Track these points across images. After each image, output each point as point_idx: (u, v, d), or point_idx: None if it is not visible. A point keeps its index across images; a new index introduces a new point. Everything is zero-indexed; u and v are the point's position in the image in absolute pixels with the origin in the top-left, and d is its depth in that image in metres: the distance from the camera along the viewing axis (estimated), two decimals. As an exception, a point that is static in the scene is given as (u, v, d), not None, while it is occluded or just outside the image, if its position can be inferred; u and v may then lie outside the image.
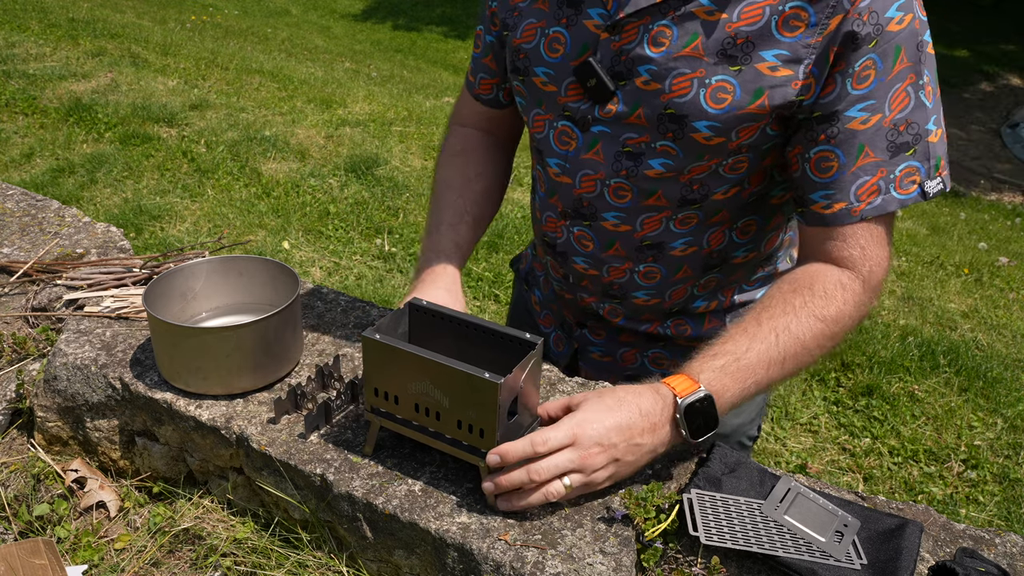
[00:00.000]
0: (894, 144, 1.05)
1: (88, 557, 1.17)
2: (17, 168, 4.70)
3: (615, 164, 1.16)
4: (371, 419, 1.08)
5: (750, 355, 1.04)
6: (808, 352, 1.06)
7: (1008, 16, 14.14)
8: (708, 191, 1.16)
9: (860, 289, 1.09)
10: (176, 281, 1.28)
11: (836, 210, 1.07)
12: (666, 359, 1.39)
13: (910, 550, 0.97)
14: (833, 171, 1.06)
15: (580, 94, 1.15)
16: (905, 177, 1.06)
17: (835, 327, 1.07)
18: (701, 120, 1.07)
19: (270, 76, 6.67)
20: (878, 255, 1.09)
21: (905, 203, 1.07)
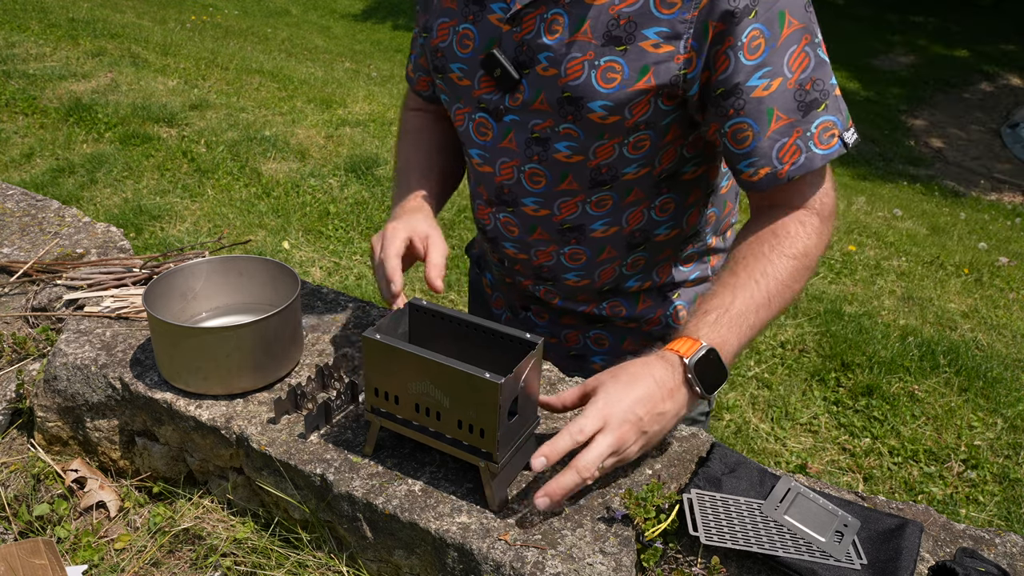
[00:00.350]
0: (804, 103, 1.09)
1: (88, 557, 1.17)
2: (17, 168, 4.70)
3: (527, 150, 1.22)
4: (371, 419, 1.08)
5: (737, 303, 1.09)
6: (789, 288, 1.12)
7: (1008, 16, 14.14)
8: (617, 172, 1.20)
9: (817, 222, 1.15)
10: (176, 281, 1.28)
11: (763, 175, 1.12)
12: (607, 339, 1.42)
13: (910, 550, 0.97)
14: (750, 140, 1.11)
15: (492, 86, 1.21)
16: (823, 132, 1.11)
17: (806, 260, 1.14)
18: (595, 100, 1.12)
19: (270, 76, 6.67)
20: (823, 188, 1.15)
21: (828, 157, 1.12)
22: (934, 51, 12.90)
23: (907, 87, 11.52)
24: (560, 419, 1.19)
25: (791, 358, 3.58)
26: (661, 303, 1.39)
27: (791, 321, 3.82)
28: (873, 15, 14.57)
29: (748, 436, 3.11)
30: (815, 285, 4.27)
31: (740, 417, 3.21)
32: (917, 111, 10.84)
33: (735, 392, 3.35)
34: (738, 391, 3.36)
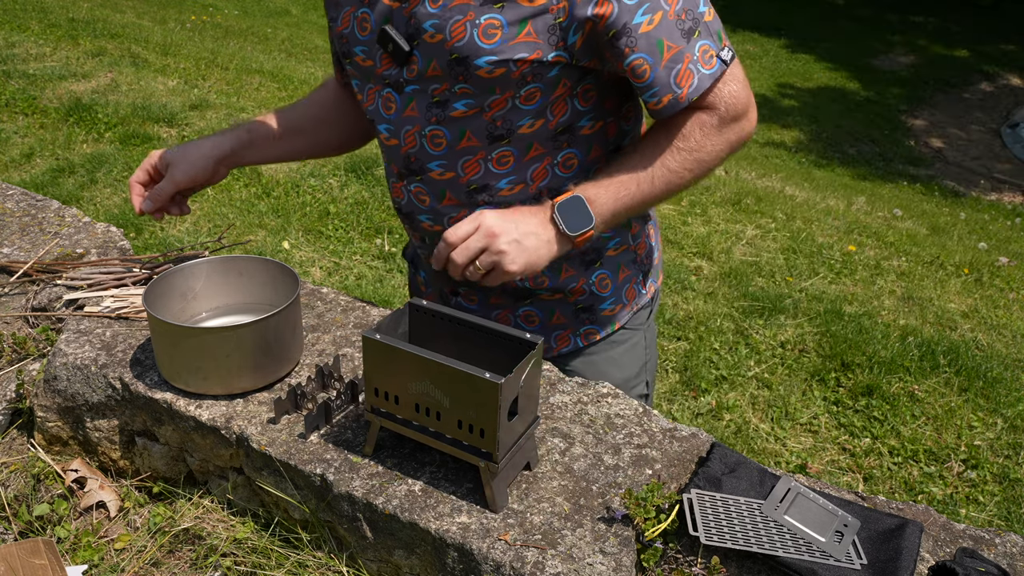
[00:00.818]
0: (684, 31, 1.18)
1: (88, 557, 1.17)
2: (17, 168, 4.70)
3: (427, 114, 1.29)
4: (371, 419, 1.08)
5: (620, 173, 1.24)
6: (676, 174, 1.25)
7: (1008, 16, 14.14)
8: (512, 125, 1.26)
9: (717, 121, 1.24)
10: (176, 281, 1.28)
11: (666, 102, 1.21)
12: (537, 316, 1.44)
13: (910, 550, 0.97)
14: (649, 73, 1.19)
15: (390, 61, 1.28)
16: (704, 55, 1.20)
17: (697, 153, 1.24)
18: (480, 57, 1.19)
19: (270, 76, 6.67)
20: (730, 91, 1.24)
21: (716, 75, 1.21)
22: (934, 51, 12.90)
23: (907, 87, 11.52)
24: (560, 418, 1.19)
25: (791, 358, 3.58)
26: (583, 271, 1.41)
27: (791, 321, 3.82)
28: (873, 15, 14.57)
29: (748, 436, 3.11)
30: (815, 285, 4.27)
31: (740, 417, 3.21)
32: (917, 111, 10.84)
33: (735, 392, 3.36)
34: (738, 391, 3.36)
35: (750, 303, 3.95)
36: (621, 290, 1.46)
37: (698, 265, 4.38)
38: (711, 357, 3.55)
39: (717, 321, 3.79)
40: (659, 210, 5.04)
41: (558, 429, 1.17)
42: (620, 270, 1.45)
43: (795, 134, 10.25)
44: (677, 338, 3.69)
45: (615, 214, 1.24)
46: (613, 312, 1.46)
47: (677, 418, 3.16)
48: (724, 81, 1.23)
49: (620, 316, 1.47)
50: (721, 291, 4.09)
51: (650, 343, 1.57)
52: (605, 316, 1.46)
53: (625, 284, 1.46)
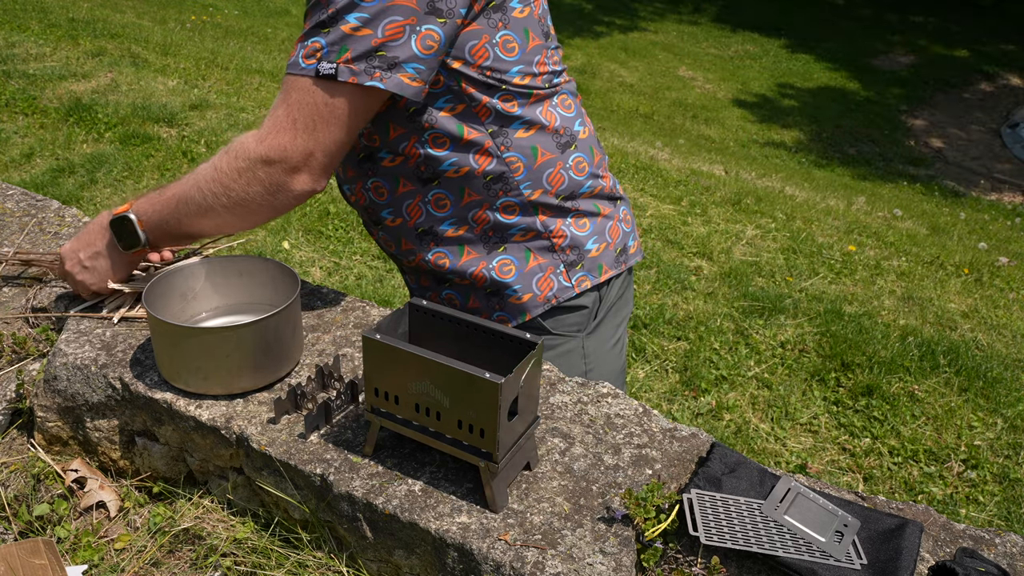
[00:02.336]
0: (315, 20, 1.15)
1: (88, 557, 1.17)
2: (17, 168, 4.70)
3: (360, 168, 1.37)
4: (371, 419, 1.08)
5: (169, 190, 1.29)
6: (203, 195, 1.24)
7: (1008, 16, 14.14)
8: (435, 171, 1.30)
9: (256, 157, 1.19)
10: (176, 281, 1.28)
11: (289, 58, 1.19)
12: (457, 299, 1.44)
13: (910, 550, 0.97)
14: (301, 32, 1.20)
15: None
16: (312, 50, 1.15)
17: (229, 180, 1.21)
18: None
19: (270, 76, 6.67)
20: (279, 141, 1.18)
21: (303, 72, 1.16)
22: (934, 51, 12.91)
23: (907, 87, 11.53)
24: (560, 418, 1.19)
25: (791, 358, 3.58)
26: (486, 255, 1.38)
27: (791, 321, 3.82)
28: (873, 15, 14.57)
29: (748, 436, 3.11)
30: (815, 285, 4.27)
31: (740, 417, 3.21)
32: (917, 111, 10.84)
33: (735, 392, 3.36)
34: (738, 391, 3.36)
35: (750, 303, 3.95)
36: (531, 278, 1.40)
37: (698, 265, 4.38)
38: (711, 357, 3.55)
39: (717, 321, 3.80)
40: (658, 209, 5.04)
41: (558, 429, 1.17)
42: (529, 257, 1.40)
43: (795, 134, 10.25)
44: (677, 338, 3.69)
45: (159, 231, 1.31)
46: (521, 301, 1.41)
47: (677, 418, 3.16)
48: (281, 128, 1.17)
49: (530, 307, 1.41)
50: (721, 291, 4.09)
51: (593, 354, 1.49)
52: (513, 304, 1.41)
53: (537, 272, 1.40)
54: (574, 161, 1.39)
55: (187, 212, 1.27)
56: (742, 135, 10.22)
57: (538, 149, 1.34)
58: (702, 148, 8.64)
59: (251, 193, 1.21)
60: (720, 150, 8.88)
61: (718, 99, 11.53)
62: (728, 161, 7.68)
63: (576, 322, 1.45)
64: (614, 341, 1.53)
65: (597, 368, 1.49)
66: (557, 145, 1.36)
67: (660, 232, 4.73)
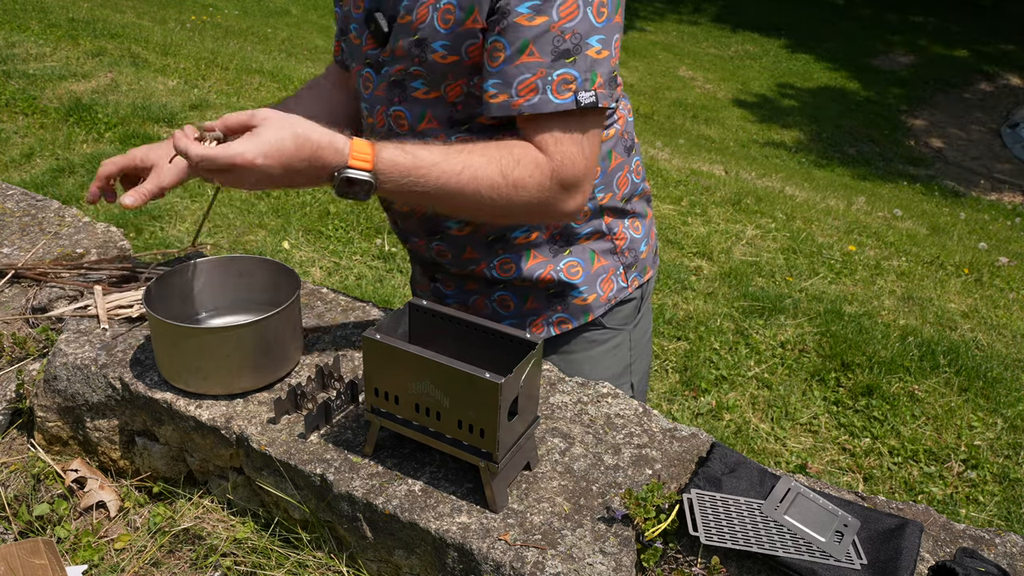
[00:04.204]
0: (557, 50, 1.13)
1: (88, 557, 1.17)
2: (17, 168, 4.70)
3: (390, 93, 1.30)
4: (371, 419, 1.08)
5: (433, 169, 1.13)
6: (479, 196, 1.16)
7: (1008, 16, 14.14)
8: (471, 112, 1.25)
9: (548, 174, 1.17)
10: (176, 281, 1.28)
11: (500, 101, 1.17)
12: (512, 300, 1.43)
13: (910, 550, 0.97)
14: (500, 61, 1.15)
15: (373, 42, 1.30)
16: (562, 83, 1.14)
17: (513, 191, 1.16)
18: (437, 41, 1.20)
19: (270, 76, 6.67)
20: (571, 152, 1.17)
21: (560, 107, 1.14)
22: (934, 51, 12.91)
23: (907, 87, 11.53)
24: (560, 418, 1.19)
25: (791, 358, 3.58)
26: (552, 258, 1.38)
27: (791, 321, 3.82)
28: (873, 15, 14.57)
29: (748, 436, 3.11)
30: (815, 285, 4.27)
31: (740, 417, 3.21)
32: (917, 111, 10.84)
33: (735, 392, 3.36)
34: (738, 391, 3.36)
35: (750, 303, 3.95)
36: (595, 280, 1.42)
37: (698, 265, 4.38)
38: (711, 357, 3.55)
39: (717, 321, 3.80)
40: (658, 209, 5.04)
41: (558, 429, 1.17)
42: (594, 259, 1.41)
43: (795, 134, 10.25)
44: (677, 338, 3.69)
45: (393, 194, 1.15)
46: (586, 302, 1.42)
47: (677, 418, 3.16)
48: (568, 135, 1.16)
49: (594, 307, 1.43)
50: (721, 291, 4.09)
51: (637, 345, 1.52)
52: (577, 305, 1.42)
53: (601, 274, 1.43)
54: (635, 164, 1.44)
55: (445, 198, 1.16)
56: (742, 135, 10.22)
57: (612, 153, 1.38)
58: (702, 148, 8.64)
59: (529, 207, 1.19)
60: (720, 150, 8.88)
61: (718, 99, 11.53)
62: (728, 161, 7.68)
63: (626, 315, 1.49)
64: (649, 334, 1.59)
65: (639, 359, 1.54)
66: (624, 148, 1.40)
67: (660, 232, 4.73)
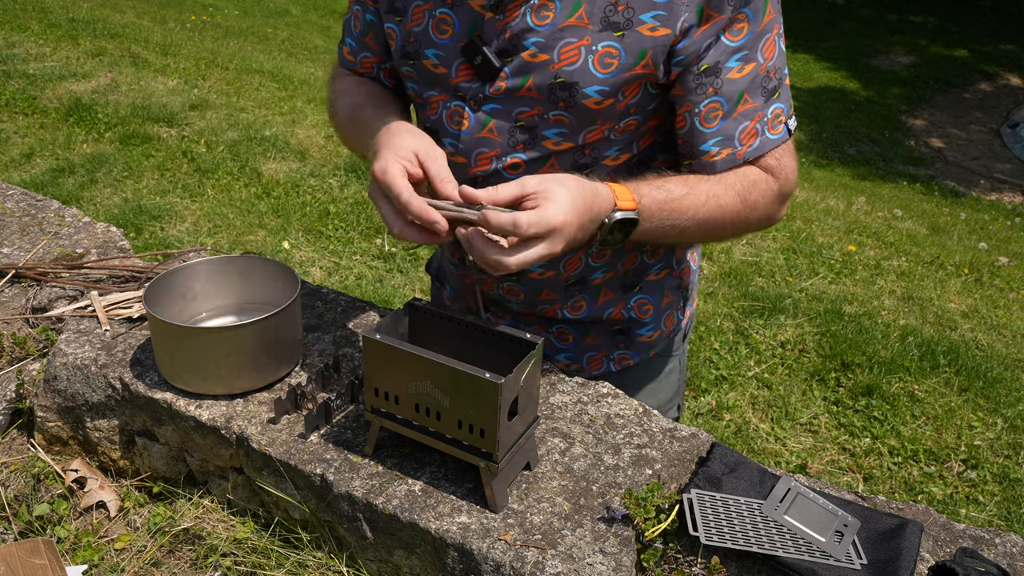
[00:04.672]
0: (766, 90, 1.15)
1: (88, 557, 1.17)
2: (17, 168, 4.70)
3: (510, 140, 1.19)
4: (371, 419, 1.08)
5: (684, 201, 1.14)
6: (723, 222, 1.17)
7: (1008, 16, 14.14)
8: (599, 155, 1.21)
9: (776, 191, 1.20)
10: (176, 281, 1.28)
11: (724, 156, 1.16)
12: (571, 335, 1.40)
13: (910, 550, 0.97)
14: (718, 120, 1.14)
15: (470, 74, 1.17)
16: (774, 119, 1.17)
17: (750, 213, 1.18)
18: (592, 85, 1.12)
19: (270, 76, 6.67)
20: (791, 166, 1.20)
21: (777, 143, 1.17)
22: (934, 51, 12.90)
23: (907, 87, 11.52)
24: (560, 418, 1.19)
25: (791, 358, 3.58)
26: (622, 295, 1.35)
27: (791, 321, 3.82)
28: (873, 15, 14.57)
29: (748, 436, 3.11)
30: (815, 285, 4.27)
31: (740, 417, 3.21)
32: (917, 111, 10.84)
33: (735, 392, 3.36)
34: (738, 391, 3.36)
35: (750, 303, 3.95)
36: (662, 316, 1.40)
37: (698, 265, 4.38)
38: (711, 357, 3.55)
39: (717, 321, 3.79)
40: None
41: (558, 429, 1.17)
42: (663, 295, 1.39)
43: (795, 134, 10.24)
44: (677, 338, 3.69)
45: (644, 235, 1.13)
46: (651, 339, 1.40)
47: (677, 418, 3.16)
48: (786, 151, 1.18)
49: (657, 343, 1.42)
50: (721, 291, 4.09)
51: (683, 366, 1.51)
52: (642, 343, 1.40)
53: (667, 310, 1.40)
54: None
55: (691, 229, 1.15)
56: (742, 135, 10.20)
57: None
58: (702, 148, 8.61)
59: (758, 224, 1.22)
60: (720, 150, 8.85)
61: (718, 99, 11.50)
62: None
63: (678, 342, 1.48)
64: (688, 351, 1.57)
65: (683, 379, 1.53)
66: None
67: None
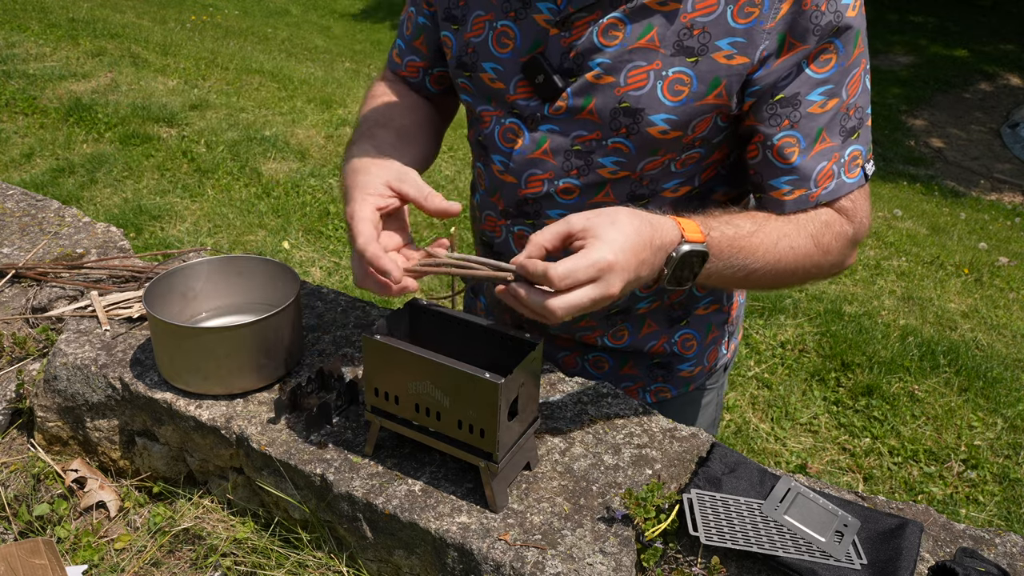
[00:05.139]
0: (845, 129, 1.06)
1: (88, 557, 1.17)
2: (17, 168, 4.70)
3: (565, 164, 1.13)
4: (371, 419, 1.08)
5: (754, 239, 1.04)
6: (796, 266, 1.08)
7: (1008, 16, 14.14)
8: (657, 187, 1.14)
9: (851, 235, 1.11)
10: (176, 281, 1.28)
11: (797, 196, 1.08)
12: (607, 362, 1.34)
13: (910, 550, 0.97)
14: (795, 157, 1.06)
15: (529, 92, 1.12)
16: (851, 161, 1.08)
17: (823, 257, 1.10)
18: (659, 113, 1.05)
19: (270, 76, 6.67)
20: (866, 210, 1.12)
21: (852, 187, 1.09)
22: (934, 51, 12.90)
23: (907, 87, 11.52)
24: (560, 418, 1.19)
25: (791, 358, 3.58)
26: (667, 329, 1.30)
27: (791, 321, 3.82)
28: (873, 15, 14.55)
29: (748, 436, 3.11)
30: (815, 285, 4.27)
31: (740, 417, 3.21)
32: (917, 111, 10.83)
33: (735, 392, 3.35)
34: (738, 391, 3.36)
35: (750, 303, 3.95)
36: (705, 352, 1.34)
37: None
38: (711, 357, 3.54)
39: (717, 321, 3.79)
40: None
41: (558, 429, 1.17)
42: (709, 331, 1.33)
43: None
44: (677, 338, 3.69)
45: (711, 276, 1.04)
46: (691, 374, 1.35)
47: (677, 418, 3.15)
48: (862, 195, 1.10)
49: (697, 378, 1.37)
50: (721, 291, 4.09)
51: (721, 399, 1.45)
52: (682, 377, 1.35)
53: (711, 346, 1.35)
54: None
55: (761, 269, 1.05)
56: (742, 135, 10.20)
57: None
58: (702, 148, 8.62)
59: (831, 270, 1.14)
60: (720, 150, 8.86)
61: (718, 99, 11.51)
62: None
63: (719, 375, 1.42)
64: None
65: (719, 411, 1.48)
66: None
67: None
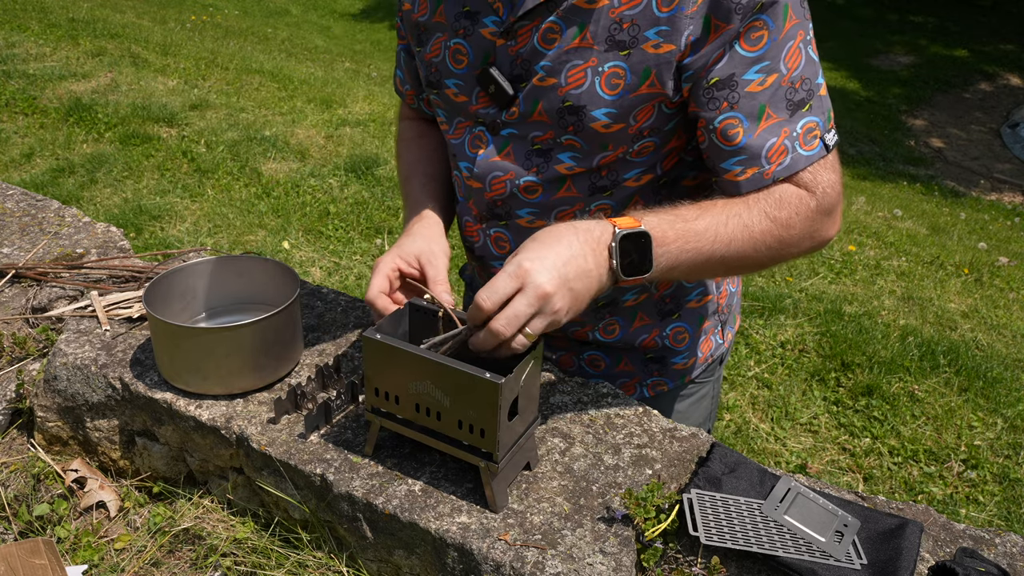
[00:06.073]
0: (792, 103, 1.06)
1: (88, 557, 1.17)
2: (17, 168, 4.70)
3: (526, 163, 1.18)
4: (371, 419, 1.08)
5: (699, 223, 1.04)
6: (754, 243, 1.07)
7: (1008, 16, 14.14)
8: (618, 178, 1.16)
9: (814, 206, 1.09)
10: (176, 281, 1.28)
11: (749, 175, 1.08)
12: (604, 360, 1.36)
13: (910, 550, 0.97)
14: (740, 137, 1.06)
15: (488, 101, 1.18)
16: (807, 133, 1.07)
17: (783, 231, 1.08)
18: (599, 108, 1.08)
19: (270, 76, 6.67)
20: (829, 180, 1.10)
21: (812, 160, 1.08)
22: (934, 51, 12.90)
23: (907, 87, 11.52)
24: (560, 418, 1.19)
25: (791, 358, 3.58)
26: (659, 322, 1.32)
27: (791, 321, 3.82)
28: (873, 15, 14.56)
29: (748, 436, 3.11)
30: (815, 285, 4.27)
31: (740, 417, 3.21)
32: (917, 111, 10.84)
33: (735, 392, 3.36)
34: (738, 391, 3.36)
35: (750, 303, 3.95)
36: (697, 344, 1.36)
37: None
38: (711, 357, 3.54)
39: (717, 321, 3.79)
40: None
41: (558, 429, 1.17)
42: (700, 323, 1.35)
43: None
44: (677, 338, 3.68)
45: (672, 268, 1.05)
46: (686, 366, 1.37)
47: (677, 418, 3.15)
48: (823, 166, 1.09)
49: (692, 370, 1.38)
50: (721, 291, 4.09)
51: (717, 391, 1.47)
52: (676, 370, 1.37)
53: (703, 336, 1.36)
54: None
55: (718, 253, 1.05)
56: (742, 135, 10.19)
57: None
58: (702, 148, 8.62)
59: (799, 244, 1.11)
60: (720, 150, 8.86)
61: (718, 99, 11.50)
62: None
63: (715, 366, 1.43)
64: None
65: (716, 404, 1.49)
66: None
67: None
